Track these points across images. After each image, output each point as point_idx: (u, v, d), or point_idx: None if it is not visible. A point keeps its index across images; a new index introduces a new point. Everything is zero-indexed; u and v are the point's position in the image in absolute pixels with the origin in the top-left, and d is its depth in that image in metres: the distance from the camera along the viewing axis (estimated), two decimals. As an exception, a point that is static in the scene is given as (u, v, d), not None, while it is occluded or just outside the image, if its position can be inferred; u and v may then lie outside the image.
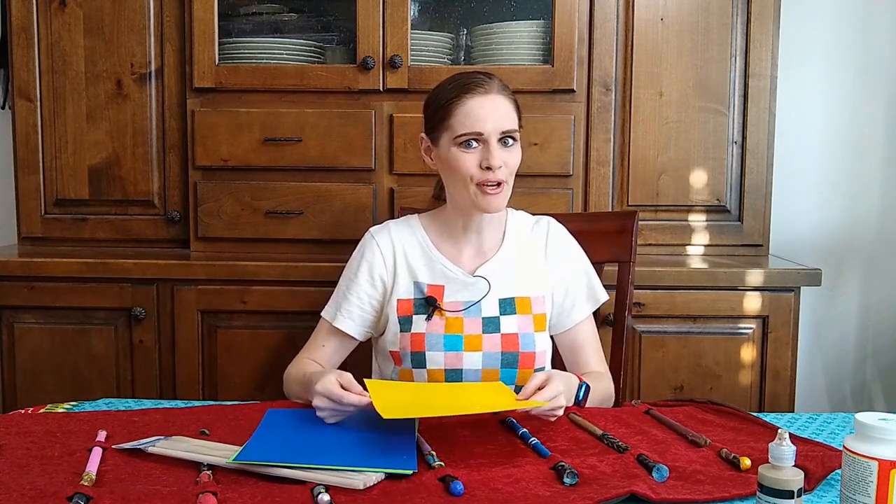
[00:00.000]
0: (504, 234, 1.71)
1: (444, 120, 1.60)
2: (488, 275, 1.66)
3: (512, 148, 1.60)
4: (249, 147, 2.29)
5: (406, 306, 1.66)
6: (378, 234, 1.72)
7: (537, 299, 1.66)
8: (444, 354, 1.61)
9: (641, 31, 2.32)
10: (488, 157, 1.56)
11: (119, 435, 1.32)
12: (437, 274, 1.67)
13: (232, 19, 2.39)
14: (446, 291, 1.65)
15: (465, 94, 1.58)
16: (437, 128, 1.62)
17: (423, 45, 2.30)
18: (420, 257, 1.68)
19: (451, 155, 1.59)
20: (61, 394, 2.14)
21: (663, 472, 1.15)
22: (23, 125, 2.36)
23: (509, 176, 1.60)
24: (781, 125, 2.43)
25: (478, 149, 1.58)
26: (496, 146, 1.57)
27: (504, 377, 1.62)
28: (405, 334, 1.64)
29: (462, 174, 1.58)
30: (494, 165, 1.56)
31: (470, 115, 1.57)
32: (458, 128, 1.58)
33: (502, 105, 1.59)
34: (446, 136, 1.60)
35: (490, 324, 1.63)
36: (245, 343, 2.18)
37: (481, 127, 1.56)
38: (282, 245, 2.32)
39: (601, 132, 2.32)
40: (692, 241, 2.38)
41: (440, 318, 1.63)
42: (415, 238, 1.71)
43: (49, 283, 2.18)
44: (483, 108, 1.57)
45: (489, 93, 1.59)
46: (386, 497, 1.09)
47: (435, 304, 1.64)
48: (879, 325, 2.66)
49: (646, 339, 2.18)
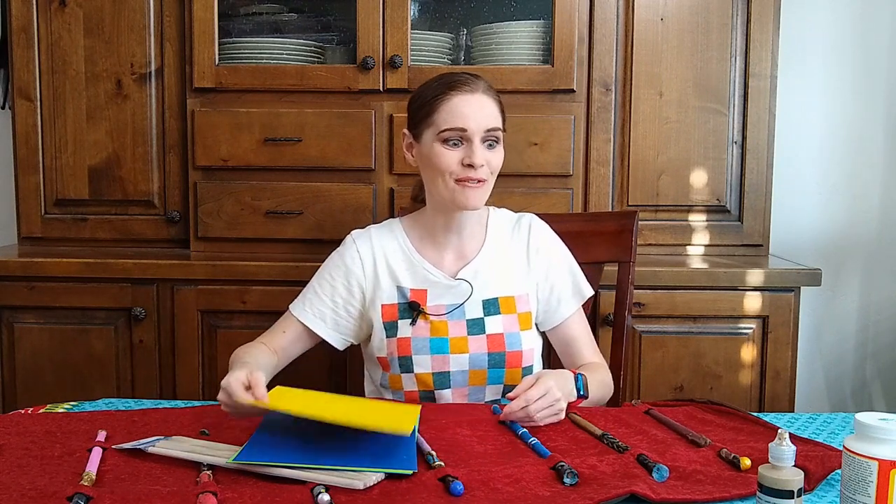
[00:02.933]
0: (486, 234, 1.70)
1: (428, 116, 1.60)
2: (471, 276, 1.65)
3: (496, 149, 1.60)
4: (249, 147, 2.29)
5: (391, 311, 1.65)
6: (359, 238, 1.70)
7: (521, 298, 1.66)
8: (430, 358, 1.61)
9: (641, 31, 2.32)
10: (471, 154, 1.56)
11: (119, 435, 1.32)
12: (420, 278, 1.66)
13: (232, 19, 2.39)
14: (429, 295, 1.64)
15: (451, 90, 1.58)
16: (421, 124, 1.62)
17: (423, 45, 2.30)
18: (402, 262, 1.67)
19: (432, 151, 1.59)
20: (61, 394, 2.13)
21: (663, 472, 1.15)
22: (23, 125, 2.36)
23: (490, 176, 1.60)
24: (781, 125, 2.43)
25: (460, 147, 1.58)
26: (479, 145, 1.57)
27: (492, 377, 1.62)
28: (391, 339, 1.63)
29: (442, 170, 1.58)
30: (476, 163, 1.55)
31: (454, 111, 1.57)
32: (441, 123, 1.57)
33: (487, 105, 1.59)
34: (429, 132, 1.60)
35: (475, 325, 1.63)
36: (245, 343, 2.17)
37: (465, 123, 1.56)
38: (282, 245, 2.32)
39: (601, 132, 2.32)
40: (692, 241, 2.38)
41: (425, 322, 1.62)
42: (396, 242, 1.69)
43: (49, 283, 2.18)
44: (468, 105, 1.57)
45: (475, 92, 1.59)
46: (386, 497, 1.09)
47: (419, 309, 1.63)
48: (879, 325, 2.66)
49: (646, 339, 2.18)
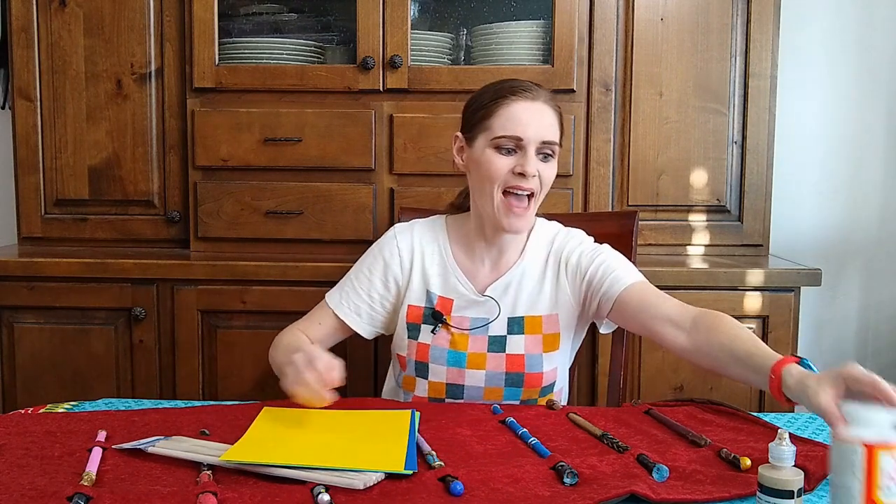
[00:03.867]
0: (524, 248, 1.64)
1: (484, 119, 1.54)
2: (500, 292, 1.61)
3: (550, 162, 1.54)
4: (249, 147, 2.29)
5: (416, 313, 1.63)
6: (401, 234, 1.67)
7: (549, 318, 1.61)
8: (446, 369, 1.59)
9: (641, 31, 2.31)
10: (524, 163, 1.50)
11: (119, 435, 1.31)
12: (450, 287, 1.63)
13: (232, 19, 2.39)
14: (455, 306, 1.62)
15: (511, 95, 1.53)
16: (476, 127, 1.56)
17: (423, 45, 2.30)
18: (437, 265, 1.64)
19: (484, 156, 1.53)
20: (61, 394, 2.14)
21: (663, 472, 1.15)
22: (23, 125, 2.36)
23: (540, 190, 1.54)
24: (781, 125, 2.43)
25: (514, 155, 1.52)
26: (533, 156, 1.51)
27: (508, 395, 1.59)
28: (412, 342, 1.62)
29: (492, 176, 1.52)
30: (529, 172, 1.50)
31: (512, 117, 1.51)
32: (497, 129, 1.52)
33: (547, 115, 1.54)
34: (483, 137, 1.54)
35: (496, 343, 1.60)
36: (245, 343, 2.18)
37: (522, 132, 1.50)
38: (282, 245, 2.32)
39: (601, 132, 2.32)
40: (692, 241, 2.38)
41: (446, 333, 1.60)
42: (437, 244, 1.65)
43: (49, 283, 2.18)
44: (527, 112, 1.51)
45: (536, 100, 1.53)
46: (386, 497, 1.08)
47: (442, 319, 1.60)
48: (879, 326, 2.66)
49: (646, 339, 2.17)
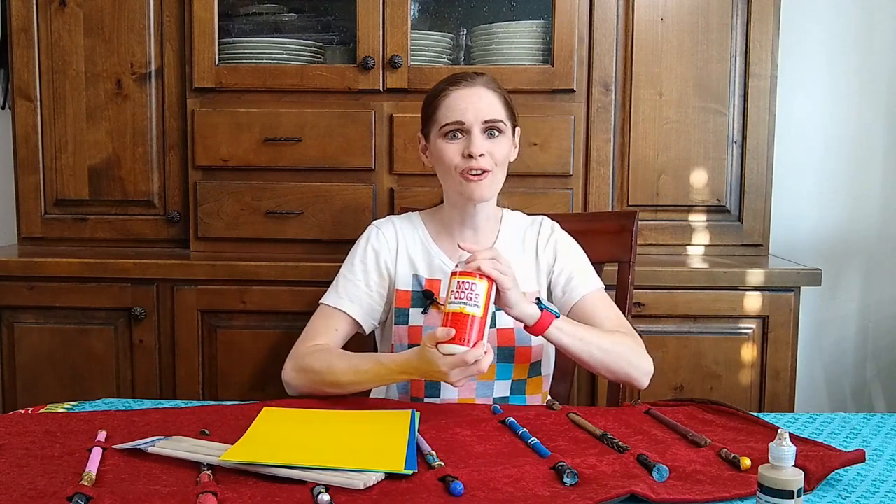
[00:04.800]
0: (499, 232, 1.73)
1: (432, 114, 1.66)
2: None
3: (497, 139, 1.63)
4: (249, 147, 2.29)
5: (404, 298, 1.67)
6: (383, 225, 1.75)
7: (532, 295, 1.66)
8: None
9: (641, 31, 2.32)
10: (469, 145, 1.60)
11: (119, 435, 1.31)
12: (435, 268, 1.69)
13: (232, 19, 2.39)
14: (442, 287, 1.66)
15: (450, 87, 1.65)
16: (427, 124, 1.68)
17: (423, 45, 2.30)
18: (420, 251, 1.71)
19: (437, 147, 1.64)
20: (61, 394, 2.14)
21: (663, 472, 1.15)
22: (23, 125, 2.36)
23: (495, 167, 1.62)
24: (781, 125, 2.43)
25: (462, 139, 1.62)
26: (479, 136, 1.60)
27: (500, 372, 1.64)
28: (400, 327, 1.65)
29: (446, 164, 1.62)
30: (475, 152, 1.59)
31: (451, 105, 1.62)
32: (442, 119, 1.63)
33: (485, 97, 1.63)
34: (434, 130, 1.65)
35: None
36: (245, 343, 2.18)
37: (462, 116, 1.60)
38: (282, 245, 2.32)
39: (601, 132, 2.32)
40: (692, 241, 2.38)
41: (437, 313, 1.64)
42: (416, 233, 1.73)
43: (49, 283, 2.18)
44: (465, 99, 1.62)
45: (473, 86, 1.64)
46: (386, 497, 1.09)
47: (432, 298, 1.65)
48: (879, 326, 2.66)
49: (646, 339, 2.13)
